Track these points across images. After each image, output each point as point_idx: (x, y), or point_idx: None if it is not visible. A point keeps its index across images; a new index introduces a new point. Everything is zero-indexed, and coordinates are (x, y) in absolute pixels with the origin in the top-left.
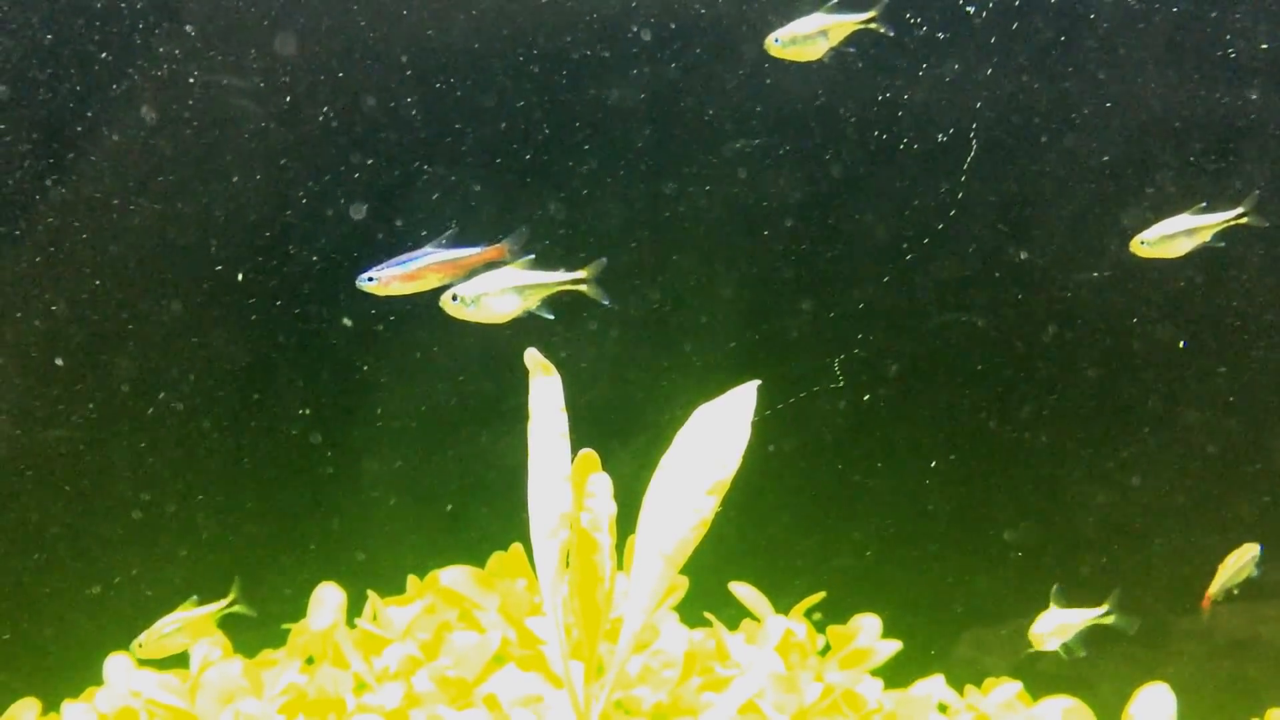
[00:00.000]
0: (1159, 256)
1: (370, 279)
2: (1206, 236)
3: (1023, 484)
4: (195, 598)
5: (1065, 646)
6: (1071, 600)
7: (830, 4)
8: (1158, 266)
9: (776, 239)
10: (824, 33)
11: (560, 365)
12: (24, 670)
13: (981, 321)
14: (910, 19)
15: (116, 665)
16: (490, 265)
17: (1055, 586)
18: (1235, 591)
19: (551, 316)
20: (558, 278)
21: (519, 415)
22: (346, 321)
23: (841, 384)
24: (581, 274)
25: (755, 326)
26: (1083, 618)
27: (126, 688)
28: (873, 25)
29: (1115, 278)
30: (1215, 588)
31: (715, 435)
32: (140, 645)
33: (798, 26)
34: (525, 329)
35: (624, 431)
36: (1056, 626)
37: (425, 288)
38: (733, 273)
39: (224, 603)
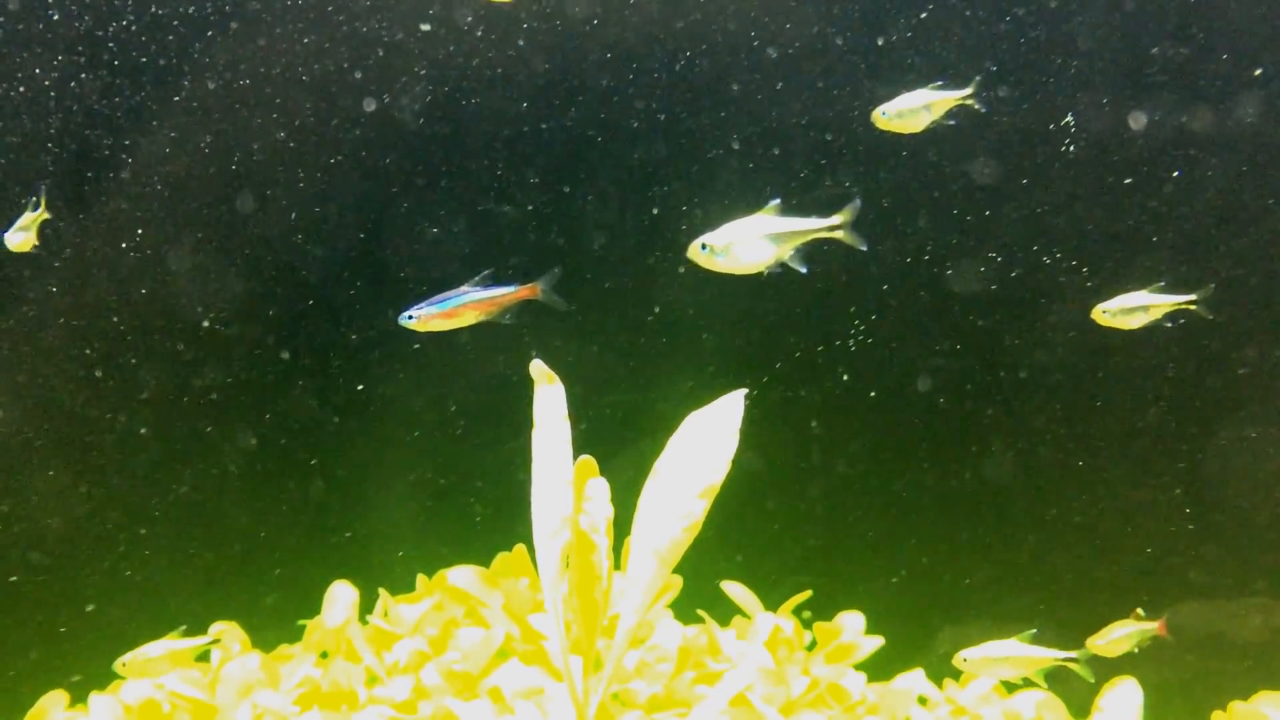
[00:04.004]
0: (1118, 326)
1: (410, 317)
2: (1159, 315)
3: (1002, 486)
4: (183, 628)
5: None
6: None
7: (937, 83)
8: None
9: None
10: (928, 107)
11: (563, 374)
12: (52, 663)
13: (971, 332)
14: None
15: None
16: (524, 304)
17: (1033, 631)
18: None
19: (804, 270)
20: (811, 225)
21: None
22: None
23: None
24: (836, 220)
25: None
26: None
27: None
28: (969, 101)
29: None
30: (1100, 641)
31: (705, 441)
32: (124, 665)
33: (904, 101)
34: (520, 338)
35: (622, 438)
36: (983, 657)
37: (461, 324)
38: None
39: (206, 639)
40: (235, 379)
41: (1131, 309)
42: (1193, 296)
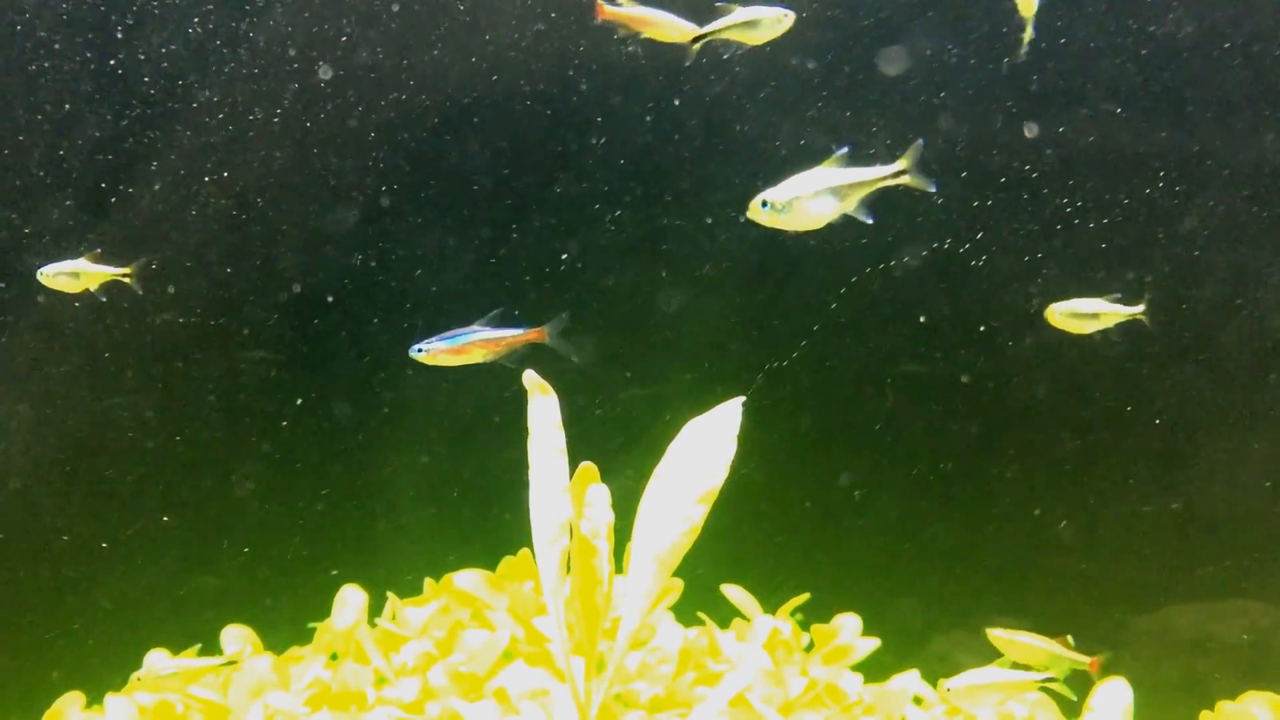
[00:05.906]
0: (1067, 329)
1: (420, 350)
2: (1110, 324)
3: (997, 489)
4: (198, 646)
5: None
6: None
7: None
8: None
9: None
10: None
11: (559, 385)
12: (69, 665)
13: (965, 339)
14: None
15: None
16: (531, 347)
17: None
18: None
19: (871, 220)
20: (876, 173)
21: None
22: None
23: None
24: (900, 165)
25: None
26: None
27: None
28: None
29: None
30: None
31: (704, 447)
32: (139, 680)
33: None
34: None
35: (623, 444)
36: (966, 686)
37: (469, 361)
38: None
39: (221, 660)
40: (248, 385)
41: (1081, 314)
42: (1141, 308)
